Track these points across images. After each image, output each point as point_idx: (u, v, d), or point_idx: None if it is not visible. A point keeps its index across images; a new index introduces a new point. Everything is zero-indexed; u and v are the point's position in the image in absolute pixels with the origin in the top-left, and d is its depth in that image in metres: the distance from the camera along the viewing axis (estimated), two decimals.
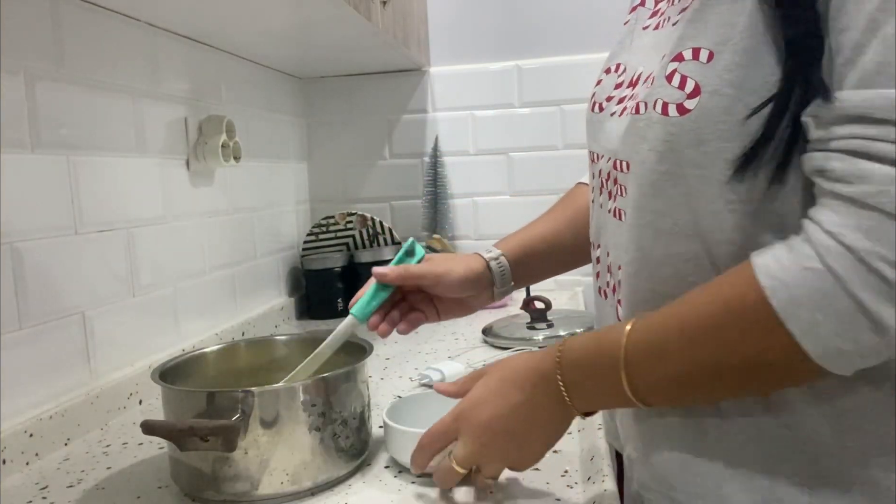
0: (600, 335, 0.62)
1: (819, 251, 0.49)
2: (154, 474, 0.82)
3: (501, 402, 0.65)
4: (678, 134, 0.56)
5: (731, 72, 0.54)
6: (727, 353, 0.54)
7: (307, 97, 1.87)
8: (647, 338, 0.58)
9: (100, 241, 1.04)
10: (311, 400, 0.73)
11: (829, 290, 0.48)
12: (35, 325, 0.91)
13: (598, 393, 0.62)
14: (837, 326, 0.48)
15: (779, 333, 0.50)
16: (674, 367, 0.56)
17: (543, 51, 1.78)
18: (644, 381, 0.58)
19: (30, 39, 0.92)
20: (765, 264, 0.51)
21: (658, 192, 0.59)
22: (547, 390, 0.63)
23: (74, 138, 0.99)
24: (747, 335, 0.52)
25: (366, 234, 1.74)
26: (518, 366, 0.67)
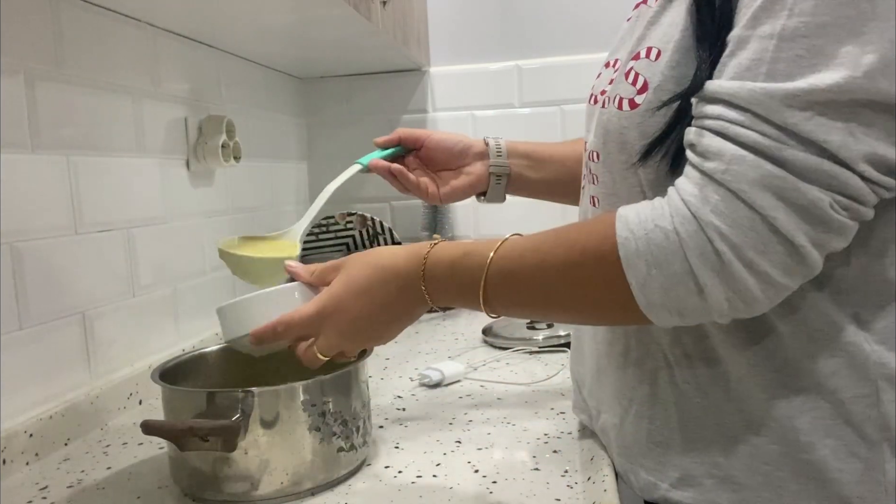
0: (467, 252, 0.65)
1: (672, 213, 0.54)
2: (154, 474, 0.82)
3: (365, 302, 0.68)
4: (629, 127, 0.61)
5: (673, 69, 0.59)
6: (572, 291, 0.60)
7: (307, 97, 1.87)
8: (508, 265, 0.62)
9: (100, 241, 1.04)
10: (311, 400, 0.73)
11: (670, 250, 0.53)
12: (35, 325, 0.91)
13: (455, 299, 0.67)
14: (667, 284, 0.54)
15: (618, 281, 0.55)
16: (525, 295, 0.63)
17: (543, 51, 1.78)
18: (497, 300, 0.63)
19: (30, 39, 0.92)
20: (625, 216, 0.56)
21: (624, 180, 0.63)
22: (410, 294, 0.67)
23: (74, 138, 0.99)
24: (592, 277, 0.57)
25: (366, 234, 1.74)
26: (383, 266, 0.68)
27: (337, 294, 0.68)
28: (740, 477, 0.61)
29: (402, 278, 0.67)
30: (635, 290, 0.55)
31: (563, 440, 0.85)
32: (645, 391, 0.67)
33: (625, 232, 0.55)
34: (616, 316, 0.61)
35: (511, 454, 0.82)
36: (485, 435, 0.88)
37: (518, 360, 1.21)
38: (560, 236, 0.61)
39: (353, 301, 0.68)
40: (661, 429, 0.65)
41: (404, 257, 0.68)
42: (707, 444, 0.63)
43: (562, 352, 1.22)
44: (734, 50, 0.53)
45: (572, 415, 0.92)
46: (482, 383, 1.09)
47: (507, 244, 0.63)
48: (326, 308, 0.68)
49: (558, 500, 0.70)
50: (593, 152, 0.68)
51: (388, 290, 0.68)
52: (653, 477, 0.66)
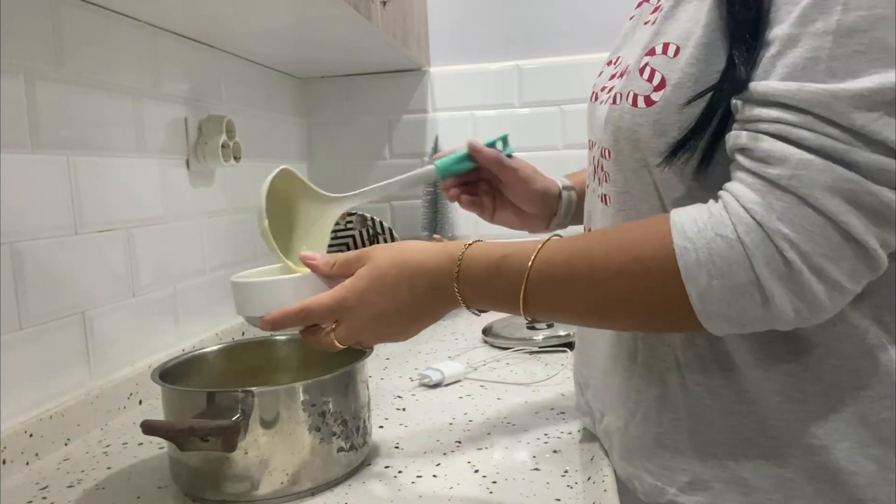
0: (506, 254, 0.62)
1: (734, 221, 0.52)
2: (154, 474, 0.82)
3: (389, 299, 0.66)
4: (644, 124, 0.60)
5: (693, 66, 0.57)
6: (625, 298, 0.57)
7: (307, 97, 1.87)
8: (552, 270, 0.60)
9: (100, 241, 1.04)
10: (311, 400, 0.73)
11: (734, 261, 0.51)
12: (35, 325, 0.91)
13: (491, 303, 0.65)
14: (729, 294, 0.52)
15: (676, 291, 0.53)
16: (570, 301, 0.60)
17: (543, 51, 1.78)
18: (538, 305, 0.61)
19: (30, 39, 0.92)
20: (681, 223, 0.54)
21: (637, 178, 0.62)
22: (438, 295, 0.65)
23: (74, 138, 0.99)
24: (648, 287, 0.55)
25: (366, 234, 1.74)
26: (411, 263, 0.66)
27: (361, 287, 0.67)
28: (751, 480, 0.60)
29: (432, 278, 0.65)
30: (694, 300, 0.53)
31: (563, 440, 0.85)
32: (653, 393, 0.66)
33: (683, 241, 0.53)
34: (669, 324, 0.59)
35: (511, 454, 0.82)
36: (485, 435, 0.88)
37: (518, 360, 1.21)
38: (610, 241, 0.58)
39: (377, 296, 0.66)
40: (670, 432, 0.64)
41: (435, 256, 0.65)
42: (717, 448, 0.62)
43: (562, 352, 1.22)
44: (782, 49, 0.51)
45: (572, 415, 0.92)
46: (482, 383, 1.09)
47: (548, 247, 0.61)
48: (349, 300, 0.67)
49: (558, 500, 0.70)
50: (605, 149, 0.66)
51: (414, 288, 0.66)
52: (660, 482, 0.65)
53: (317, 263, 0.70)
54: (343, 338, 0.68)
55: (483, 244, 0.65)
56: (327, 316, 0.68)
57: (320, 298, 0.68)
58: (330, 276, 0.70)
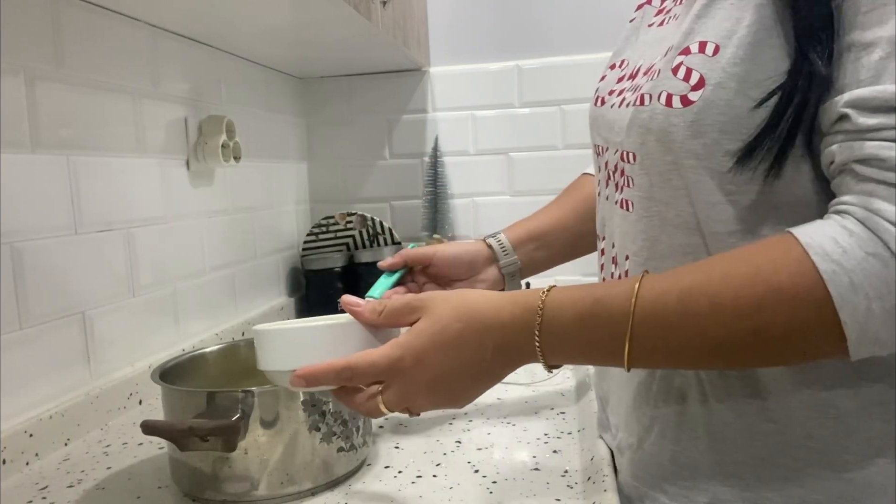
0: (598, 297, 0.55)
1: (884, 238, 0.47)
2: (154, 474, 0.82)
3: (454, 358, 0.58)
4: (680, 125, 0.57)
5: (736, 65, 0.54)
6: (762, 334, 0.51)
7: (307, 97, 1.87)
8: (663, 310, 0.53)
9: (100, 241, 1.04)
10: (311, 400, 0.73)
11: (892, 279, 0.47)
12: (35, 325, 0.91)
13: (581, 356, 0.59)
14: (890, 317, 0.48)
15: (828, 319, 0.48)
16: (691, 343, 0.53)
17: (543, 51, 1.78)
18: (648, 350, 0.54)
19: (30, 39, 0.92)
20: (820, 245, 0.49)
21: (665, 183, 0.59)
22: (512, 352, 0.58)
23: (74, 138, 0.99)
24: (792, 320, 0.49)
25: (366, 234, 1.74)
26: (481, 317, 0.58)
27: (419, 346, 0.58)
28: (774, 500, 0.59)
29: (506, 334, 0.57)
30: (850, 327, 0.48)
31: (563, 440, 0.85)
32: (671, 410, 0.63)
33: (829, 265, 0.48)
34: (811, 355, 0.53)
35: (511, 454, 0.82)
36: (485, 435, 0.88)
37: None
38: (730, 273, 0.52)
39: (440, 356, 0.58)
40: (689, 451, 0.62)
41: (510, 307, 0.58)
42: (739, 467, 0.60)
43: None
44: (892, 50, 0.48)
45: (572, 415, 0.92)
46: None
47: (648, 286, 0.54)
48: (405, 360, 0.58)
49: (558, 500, 0.70)
50: (627, 153, 0.63)
51: (483, 345, 0.57)
52: (676, 502, 0.63)
53: (361, 310, 0.62)
54: (392, 403, 0.59)
55: (564, 290, 0.58)
56: (377, 376, 0.59)
57: (371, 355, 0.59)
58: (375, 326, 0.62)
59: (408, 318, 0.60)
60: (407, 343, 0.59)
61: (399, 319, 0.61)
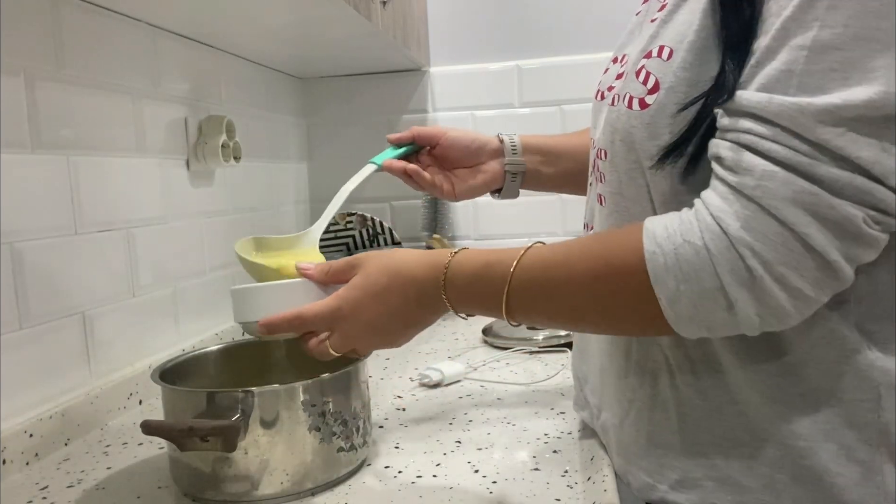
0: (489, 263, 0.65)
1: (701, 228, 0.53)
2: (154, 474, 0.82)
3: (382, 306, 0.68)
4: (638, 127, 0.60)
5: (685, 70, 0.57)
6: (600, 304, 0.60)
7: (307, 97, 1.87)
8: (532, 276, 0.62)
9: (100, 241, 1.04)
10: (311, 400, 0.73)
11: (700, 266, 0.53)
12: (35, 325, 0.91)
13: (476, 308, 0.67)
14: (696, 300, 0.53)
15: (647, 296, 0.55)
16: (550, 307, 0.63)
17: (543, 51, 1.78)
18: (520, 310, 0.63)
19: (30, 39, 0.92)
20: (652, 229, 0.56)
21: (631, 181, 0.63)
22: (428, 302, 0.67)
23: (74, 138, 0.99)
24: (620, 292, 0.57)
25: (366, 234, 1.74)
26: (401, 272, 0.68)
27: (354, 296, 0.69)
28: (740, 479, 0.61)
29: (421, 286, 0.67)
30: (664, 304, 0.54)
31: (563, 440, 0.85)
32: (646, 393, 0.66)
33: (652, 246, 0.55)
34: (642, 328, 0.61)
35: (511, 454, 0.82)
36: (485, 435, 0.88)
37: (518, 360, 1.21)
38: (586, 248, 0.61)
39: (370, 304, 0.69)
40: (661, 431, 0.65)
41: (424, 266, 0.68)
42: (707, 447, 0.62)
43: (562, 352, 1.22)
44: (761, 60, 0.52)
45: (572, 415, 0.92)
46: (482, 383, 1.09)
47: (529, 255, 0.63)
48: (343, 309, 0.69)
49: (558, 500, 0.70)
50: (601, 150, 0.67)
51: (405, 296, 0.68)
52: (651, 479, 0.66)
53: (311, 272, 0.73)
54: (337, 346, 0.70)
55: (469, 252, 0.67)
56: (321, 323, 0.70)
57: (315, 306, 0.70)
58: (324, 283, 0.72)
59: (348, 275, 0.71)
60: (344, 295, 0.69)
61: (341, 276, 0.71)
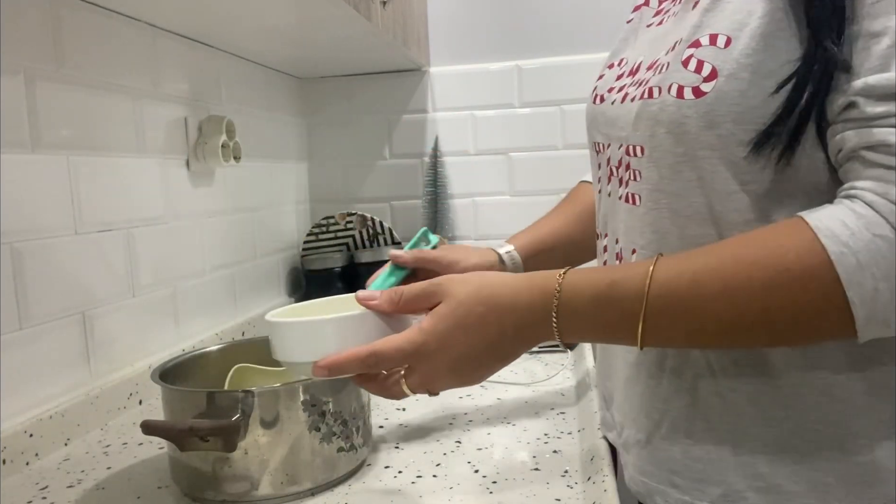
0: (614, 281, 0.57)
1: (892, 220, 0.49)
2: (154, 474, 0.82)
3: (476, 340, 0.59)
4: (693, 116, 0.57)
5: (749, 56, 0.55)
6: (772, 314, 0.52)
7: (307, 97, 1.87)
8: (676, 291, 0.54)
9: (100, 241, 1.04)
10: (311, 400, 0.73)
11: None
12: (35, 325, 0.91)
13: (596, 335, 0.60)
14: (894, 297, 0.49)
15: (836, 299, 0.50)
16: (703, 323, 0.54)
17: (543, 51, 1.78)
18: (661, 330, 0.56)
19: (30, 39, 0.92)
20: (828, 228, 0.50)
21: (676, 174, 0.60)
22: (531, 332, 0.59)
23: (74, 138, 0.99)
24: (802, 300, 0.51)
25: (366, 234, 1.74)
26: (500, 300, 0.59)
27: (443, 329, 0.59)
28: (785, 485, 0.59)
29: (525, 315, 0.59)
30: (857, 307, 0.49)
31: (563, 440, 0.85)
32: (682, 402, 0.63)
33: (837, 246, 0.49)
34: (820, 336, 0.54)
35: (511, 454, 0.82)
36: (485, 435, 0.88)
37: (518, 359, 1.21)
38: (742, 255, 0.53)
39: (463, 338, 0.59)
40: (702, 442, 0.62)
41: (528, 290, 0.59)
42: (752, 456, 0.60)
43: (562, 352, 1.22)
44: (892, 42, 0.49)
45: (572, 415, 0.93)
46: (482, 383, 1.09)
47: (662, 269, 0.55)
48: (429, 344, 0.59)
49: (558, 500, 0.70)
50: (633, 147, 0.64)
51: (504, 327, 0.59)
52: (689, 496, 0.63)
53: (378, 303, 0.62)
54: (415, 385, 0.62)
55: (580, 272, 0.59)
56: (402, 361, 0.60)
57: (394, 341, 0.60)
58: (392, 314, 0.63)
59: (425, 304, 0.61)
60: (431, 328, 0.59)
61: (416, 306, 0.62)
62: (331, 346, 0.60)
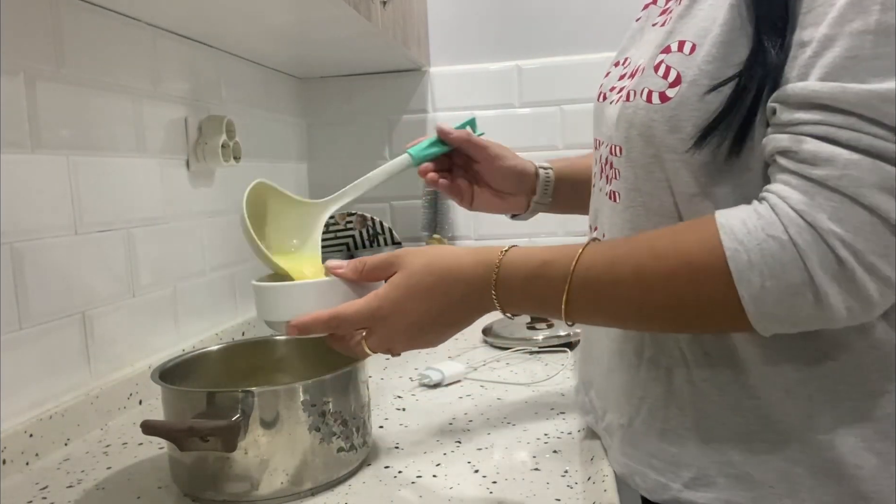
0: (546, 261, 0.62)
1: (785, 223, 0.52)
2: (154, 474, 0.82)
3: (425, 306, 0.65)
4: (658, 120, 0.60)
5: (710, 63, 0.58)
6: (674, 302, 0.57)
7: (307, 97, 1.87)
8: (596, 275, 0.60)
9: (100, 241, 1.04)
10: (311, 400, 0.73)
11: (787, 261, 0.52)
12: (35, 325, 0.91)
13: (530, 308, 0.65)
14: (782, 295, 0.52)
15: (728, 294, 0.53)
16: (615, 306, 0.60)
17: (543, 51, 1.78)
18: (581, 310, 0.61)
19: (30, 39, 0.92)
20: (730, 226, 0.54)
21: (648, 175, 0.63)
22: (475, 301, 0.65)
23: (74, 138, 0.99)
24: (699, 290, 0.55)
25: (366, 234, 1.74)
26: (448, 270, 0.65)
27: (395, 296, 0.66)
28: (756, 474, 0.61)
29: (469, 285, 0.64)
30: (747, 302, 0.53)
31: (563, 440, 0.85)
32: (659, 389, 0.66)
33: (733, 243, 0.53)
34: (717, 326, 0.59)
35: (511, 454, 0.82)
36: (485, 435, 0.88)
37: (518, 360, 1.21)
38: (655, 245, 0.58)
39: (413, 304, 0.65)
40: (675, 427, 0.65)
41: (472, 263, 0.65)
42: (722, 443, 0.62)
43: (562, 352, 1.22)
44: (819, 50, 0.52)
45: (572, 415, 0.93)
46: (482, 383, 1.09)
47: (588, 253, 0.60)
48: (383, 308, 0.66)
49: (558, 500, 0.70)
50: (615, 146, 0.67)
51: (451, 295, 0.65)
52: (664, 477, 0.65)
53: (344, 271, 0.69)
54: (375, 346, 0.68)
55: (520, 250, 0.64)
56: (360, 323, 0.67)
57: (354, 305, 0.67)
58: (357, 282, 0.69)
59: (385, 274, 0.68)
60: (385, 294, 0.66)
61: (378, 274, 0.68)
62: (302, 308, 0.67)
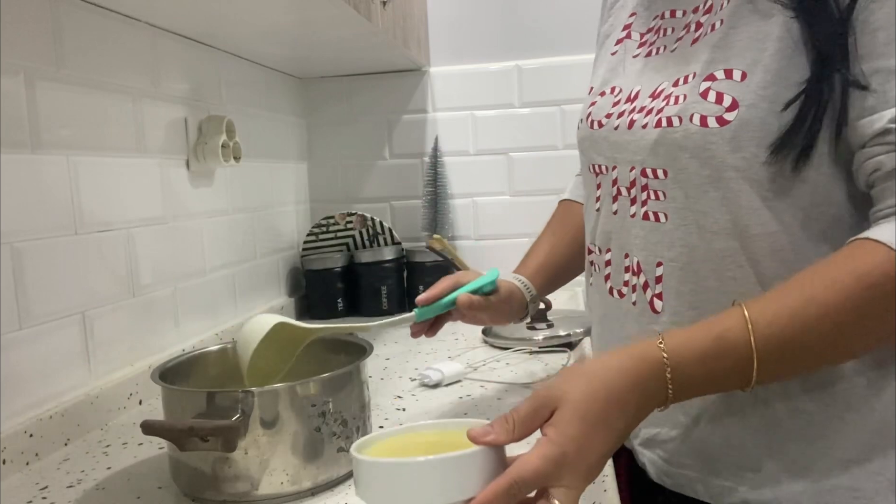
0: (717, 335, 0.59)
1: None
2: (154, 474, 0.82)
3: (608, 432, 0.58)
4: (717, 142, 0.64)
5: (765, 89, 0.62)
6: (869, 327, 0.58)
7: (307, 97, 1.87)
8: (780, 329, 0.58)
9: (100, 241, 1.04)
10: (311, 400, 0.73)
11: None
12: (35, 325, 0.91)
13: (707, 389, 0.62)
14: None
15: None
16: (811, 351, 0.59)
17: (543, 51, 1.78)
18: (773, 369, 0.59)
19: (30, 39, 0.92)
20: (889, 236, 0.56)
21: (702, 194, 0.66)
22: (652, 403, 0.59)
23: (74, 138, 0.99)
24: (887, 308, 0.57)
25: (366, 234, 1.74)
26: (614, 385, 0.58)
27: (575, 433, 0.57)
28: (817, 466, 0.65)
29: (642, 391, 0.58)
30: None
31: None
32: (717, 398, 0.68)
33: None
34: None
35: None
36: None
37: (518, 360, 1.21)
38: (830, 284, 0.58)
39: (596, 436, 0.57)
40: (739, 432, 0.68)
41: (635, 370, 0.58)
42: (784, 441, 0.66)
43: (562, 352, 1.22)
44: None
45: None
46: (482, 383, 1.09)
47: (755, 312, 0.58)
48: (568, 454, 0.56)
49: None
50: (652, 170, 0.69)
51: (625, 410, 0.58)
52: (729, 482, 0.68)
53: (496, 437, 0.58)
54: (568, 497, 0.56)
55: (676, 335, 0.60)
56: (543, 481, 0.56)
57: (529, 463, 0.56)
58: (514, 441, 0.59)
59: (541, 420, 0.59)
60: (560, 437, 0.57)
61: (532, 425, 0.59)
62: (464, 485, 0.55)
